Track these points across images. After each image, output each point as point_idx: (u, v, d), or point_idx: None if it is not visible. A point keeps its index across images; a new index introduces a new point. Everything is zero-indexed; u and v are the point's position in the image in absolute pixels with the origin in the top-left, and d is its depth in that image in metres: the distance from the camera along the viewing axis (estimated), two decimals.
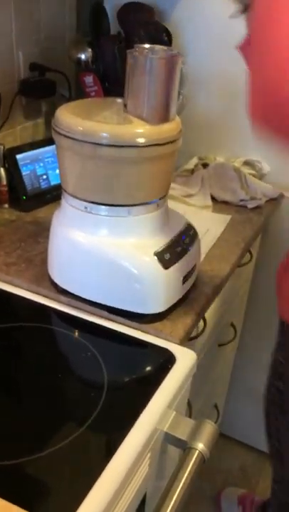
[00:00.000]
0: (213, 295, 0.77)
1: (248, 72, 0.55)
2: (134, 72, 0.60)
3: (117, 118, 0.63)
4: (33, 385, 0.59)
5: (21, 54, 1.02)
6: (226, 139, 1.15)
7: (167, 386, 0.60)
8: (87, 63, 1.03)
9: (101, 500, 0.47)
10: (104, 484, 0.48)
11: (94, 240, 0.67)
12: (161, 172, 0.66)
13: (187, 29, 1.09)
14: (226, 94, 1.11)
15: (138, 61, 0.59)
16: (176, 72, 0.61)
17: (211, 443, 0.59)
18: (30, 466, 0.49)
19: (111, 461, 0.50)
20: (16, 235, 0.87)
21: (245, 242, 0.92)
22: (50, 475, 0.49)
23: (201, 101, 1.13)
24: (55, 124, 0.64)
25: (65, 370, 0.62)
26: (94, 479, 0.48)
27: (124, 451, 0.52)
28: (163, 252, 0.66)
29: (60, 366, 0.63)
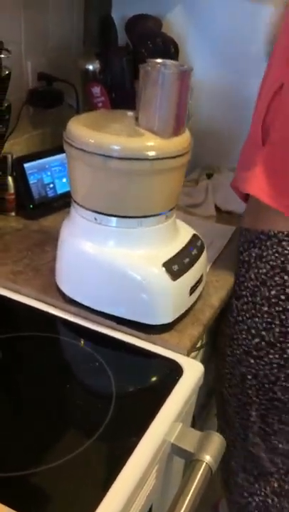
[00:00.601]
0: (219, 306, 0.78)
1: None
2: (146, 86, 0.61)
3: (129, 131, 0.63)
4: (41, 396, 0.59)
5: (30, 64, 1.03)
6: (229, 150, 1.15)
7: (175, 398, 0.60)
8: (94, 74, 1.04)
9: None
10: (114, 496, 0.48)
11: (103, 250, 0.67)
12: (171, 184, 0.66)
13: (193, 40, 1.10)
14: (229, 105, 1.12)
15: (150, 75, 0.60)
16: (188, 86, 0.62)
17: (218, 455, 0.59)
18: (39, 477, 0.49)
19: (121, 472, 0.50)
20: (22, 244, 0.88)
21: None
22: (59, 487, 0.49)
23: (205, 112, 1.14)
24: (67, 135, 0.65)
25: (73, 380, 0.62)
26: (104, 492, 0.48)
27: (133, 463, 0.52)
28: (171, 263, 0.67)
29: (68, 376, 0.63)
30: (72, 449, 0.52)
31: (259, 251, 0.78)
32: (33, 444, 0.53)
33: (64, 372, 0.64)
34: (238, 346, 0.83)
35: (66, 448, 0.52)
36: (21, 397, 0.59)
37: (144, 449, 0.53)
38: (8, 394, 0.59)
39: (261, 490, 0.91)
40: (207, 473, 0.57)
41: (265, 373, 0.81)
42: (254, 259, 0.79)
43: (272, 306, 0.77)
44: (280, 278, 0.75)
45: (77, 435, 0.54)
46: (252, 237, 0.80)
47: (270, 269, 0.76)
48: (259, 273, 0.78)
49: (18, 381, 0.61)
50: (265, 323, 0.78)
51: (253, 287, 0.79)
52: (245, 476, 0.92)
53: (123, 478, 0.50)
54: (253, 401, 0.85)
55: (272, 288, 0.76)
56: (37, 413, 0.57)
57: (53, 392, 0.60)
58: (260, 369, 0.81)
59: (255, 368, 0.81)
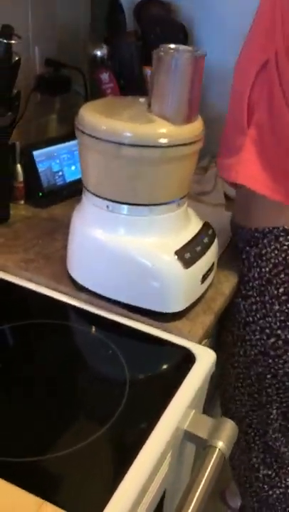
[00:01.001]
0: (230, 295, 0.77)
1: None
2: (158, 72, 0.60)
3: (141, 117, 0.63)
4: (55, 383, 0.60)
5: (37, 49, 1.02)
6: None
7: (188, 385, 0.60)
8: (103, 60, 1.03)
9: (128, 498, 0.47)
10: (130, 483, 0.49)
11: (115, 238, 0.67)
12: (183, 172, 0.66)
13: (201, 26, 1.08)
14: None
15: (163, 60, 0.60)
16: (201, 72, 0.61)
17: (230, 441, 0.59)
18: (56, 463, 0.50)
19: (136, 459, 0.51)
20: (32, 232, 0.88)
21: None
22: (75, 472, 0.49)
23: (214, 99, 1.12)
24: (79, 122, 0.64)
25: (87, 367, 0.63)
26: (119, 478, 0.49)
27: (148, 450, 0.52)
28: (183, 251, 0.67)
29: (81, 364, 0.63)
30: (87, 435, 0.53)
31: (257, 249, 0.76)
32: (49, 431, 0.53)
33: (77, 360, 0.64)
34: (251, 347, 0.81)
35: (81, 434, 0.53)
36: (35, 384, 0.59)
37: (159, 436, 0.54)
38: (22, 381, 0.59)
39: (282, 482, 0.91)
40: (220, 459, 0.58)
41: (285, 371, 0.80)
42: (254, 258, 0.77)
43: (282, 303, 0.75)
44: (285, 275, 0.74)
45: (92, 422, 0.55)
46: (247, 235, 0.78)
47: (272, 268, 0.75)
48: (262, 272, 0.76)
49: (31, 368, 0.61)
50: (279, 322, 0.76)
51: (259, 286, 0.77)
52: (266, 472, 0.92)
53: (138, 465, 0.50)
54: (274, 400, 0.84)
55: (279, 286, 0.75)
56: (51, 400, 0.57)
57: (66, 380, 0.60)
58: (280, 368, 0.80)
59: (275, 368, 0.80)
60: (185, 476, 0.75)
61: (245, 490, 0.97)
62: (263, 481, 0.93)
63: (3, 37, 0.71)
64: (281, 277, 0.74)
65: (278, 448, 0.89)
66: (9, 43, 0.72)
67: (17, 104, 0.82)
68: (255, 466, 0.93)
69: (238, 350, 0.84)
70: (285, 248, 0.73)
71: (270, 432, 0.88)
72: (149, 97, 0.63)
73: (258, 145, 0.72)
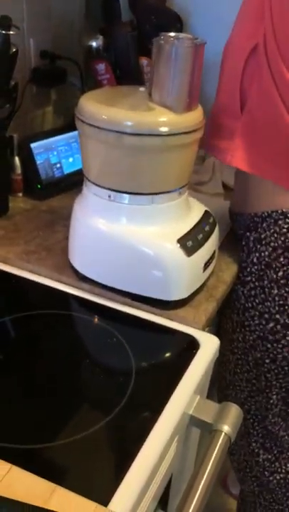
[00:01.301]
0: (231, 282, 0.78)
1: None
2: (159, 60, 0.61)
3: (142, 106, 0.63)
4: (64, 372, 0.60)
5: (32, 41, 1.02)
6: None
7: (193, 371, 0.61)
8: (98, 51, 1.03)
9: (138, 481, 0.48)
10: (140, 466, 0.49)
11: (117, 228, 0.67)
12: (185, 160, 0.66)
13: (197, 15, 1.08)
14: None
15: (164, 49, 0.60)
16: (201, 60, 0.61)
17: (235, 425, 0.60)
18: (66, 449, 0.50)
19: (144, 444, 0.51)
20: (33, 224, 0.88)
21: None
22: (86, 457, 0.50)
23: (209, 89, 1.12)
24: (79, 112, 0.64)
25: (93, 356, 0.63)
26: (129, 461, 0.49)
27: (156, 435, 0.53)
28: (185, 239, 0.67)
29: (88, 353, 0.64)
30: (96, 421, 0.53)
31: (257, 234, 0.77)
32: (59, 418, 0.54)
33: (83, 349, 0.65)
34: (250, 333, 0.82)
35: (90, 420, 0.53)
36: (44, 373, 0.60)
37: (166, 421, 0.55)
38: (31, 371, 0.60)
39: (282, 468, 0.92)
40: (226, 443, 0.59)
41: (283, 356, 0.80)
42: (253, 243, 0.77)
43: (281, 287, 0.76)
44: (284, 258, 0.74)
45: (101, 408, 0.55)
46: (246, 221, 0.79)
47: (272, 251, 0.75)
48: (261, 256, 0.76)
49: (39, 358, 0.62)
50: (278, 306, 0.77)
51: (258, 271, 0.78)
52: (265, 456, 0.93)
53: (147, 449, 0.51)
54: (273, 385, 0.85)
55: (278, 269, 0.75)
56: (60, 388, 0.58)
57: (74, 368, 0.61)
58: (279, 352, 0.80)
59: (273, 353, 0.81)
60: (190, 461, 0.77)
61: (245, 475, 0.99)
62: (263, 466, 0.94)
63: (1, 27, 0.71)
64: (280, 261, 0.75)
65: (277, 432, 0.90)
66: (7, 34, 0.72)
67: (15, 96, 0.81)
68: (254, 451, 0.94)
69: (236, 336, 0.85)
70: (285, 231, 0.73)
71: (269, 417, 0.89)
72: (150, 85, 0.63)
73: (251, 130, 0.73)
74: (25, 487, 0.43)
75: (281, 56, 0.67)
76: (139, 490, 0.47)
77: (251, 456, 0.95)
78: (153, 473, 0.51)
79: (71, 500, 0.43)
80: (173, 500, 0.72)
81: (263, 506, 0.99)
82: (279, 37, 0.67)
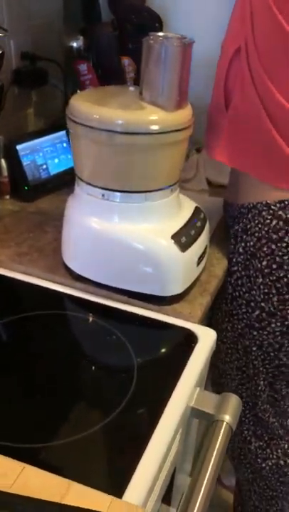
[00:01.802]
0: (223, 276, 0.80)
1: None
2: (149, 60, 0.62)
3: (133, 105, 0.64)
4: (68, 371, 0.61)
5: (12, 43, 1.01)
6: None
7: (193, 364, 0.62)
8: (79, 51, 1.03)
9: (149, 475, 0.49)
10: (149, 459, 0.50)
11: (111, 226, 0.68)
12: (176, 158, 0.67)
13: (177, 15, 1.10)
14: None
15: (153, 49, 0.61)
16: (189, 59, 0.62)
17: (236, 415, 0.62)
18: (77, 445, 0.51)
19: (152, 437, 0.52)
20: (22, 226, 0.87)
21: None
22: (96, 453, 0.51)
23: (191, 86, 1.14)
24: (71, 112, 0.64)
25: (94, 354, 0.64)
26: (139, 456, 0.50)
27: (163, 428, 0.54)
28: (179, 235, 0.68)
29: (89, 351, 0.64)
30: (102, 418, 0.54)
31: (243, 225, 0.79)
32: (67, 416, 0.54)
33: (83, 348, 0.65)
34: (238, 321, 0.84)
35: (97, 417, 0.54)
36: (48, 373, 0.60)
37: (171, 414, 0.56)
38: (37, 371, 0.60)
39: (273, 453, 0.94)
40: (228, 432, 0.60)
41: (269, 342, 0.83)
42: (240, 233, 0.80)
43: (266, 276, 0.78)
44: (267, 248, 0.76)
45: (107, 404, 0.56)
46: (234, 212, 0.81)
47: (256, 241, 0.77)
48: (247, 246, 0.79)
49: (42, 359, 0.62)
50: (263, 294, 0.79)
51: (244, 261, 0.80)
52: (257, 444, 0.95)
53: (155, 443, 0.52)
54: (260, 371, 0.87)
55: (262, 259, 0.77)
56: (65, 387, 0.58)
57: (77, 367, 0.61)
58: (264, 339, 0.83)
59: (259, 339, 0.83)
60: (189, 453, 0.78)
61: (240, 462, 1.01)
62: (256, 453, 0.96)
63: None
64: (264, 250, 0.77)
65: (267, 419, 0.92)
66: None
67: (0, 98, 0.81)
68: (247, 438, 0.96)
69: (226, 326, 0.87)
70: (268, 222, 0.76)
71: (259, 404, 0.91)
72: (140, 84, 0.64)
73: (234, 126, 0.76)
74: (41, 485, 0.44)
75: (260, 59, 0.69)
76: (150, 482, 0.48)
77: (244, 444, 0.97)
78: (161, 465, 0.52)
79: (87, 494, 0.43)
80: (176, 494, 0.73)
81: (257, 494, 1.02)
82: (258, 41, 0.69)
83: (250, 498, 1.04)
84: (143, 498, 0.47)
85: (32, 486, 0.43)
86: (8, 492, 0.42)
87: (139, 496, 0.47)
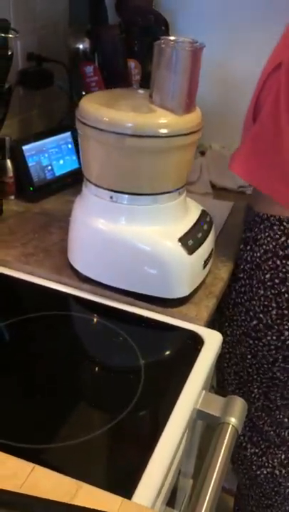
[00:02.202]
0: (228, 279, 0.80)
1: None
2: (160, 64, 0.62)
3: (142, 108, 0.64)
4: (75, 372, 0.61)
5: (19, 44, 1.01)
6: (220, 127, 1.17)
7: (200, 367, 0.63)
8: (86, 53, 1.04)
9: (157, 476, 0.49)
10: (158, 461, 0.50)
11: (118, 228, 0.68)
12: (184, 161, 0.68)
13: (183, 17, 1.10)
14: (220, 83, 1.14)
15: (164, 52, 0.61)
16: (199, 63, 0.63)
17: (242, 417, 0.62)
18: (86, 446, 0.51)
19: (160, 439, 0.53)
20: (27, 226, 0.88)
21: None
22: (106, 454, 0.51)
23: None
24: (80, 114, 0.65)
25: (101, 355, 0.64)
26: (147, 457, 0.50)
27: (171, 430, 0.54)
28: (186, 238, 0.69)
29: (95, 352, 0.65)
30: (110, 419, 0.54)
31: (254, 234, 0.79)
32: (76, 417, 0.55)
33: (90, 349, 0.65)
34: (237, 327, 0.84)
35: (105, 419, 0.54)
36: (57, 374, 0.60)
37: (178, 417, 0.56)
38: (40, 371, 0.60)
39: (269, 462, 0.94)
40: (234, 435, 0.60)
41: (263, 354, 0.83)
42: (250, 241, 0.80)
43: (267, 289, 0.78)
44: (272, 262, 0.76)
45: (114, 406, 0.56)
46: (249, 217, 0.81)
47: (263, 253, 0.77)
48: (254, 256, 0.79)
49: (46, 360, 0.62)
50: (263, 306, 0.79)
51: (250, 270, 0.80)
52: (253, 450, 0.95)
53: (163, 444, 0.52)
54: (254, 379, 0.87)
55: (266, 272, 0.77)
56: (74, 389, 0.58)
57: (84, 368, 0.62)
58: (259, 350, 0.83)
59: (254, 349, 0.83)
60: (193, 456, 0.78)
61: (238, 467, 1.01)
62: (251, 459, 0.96)
63: (0, 31, 0.70)
64: (269, 264, 0.77)
65: (262, 426, 0.92)
66: (6, 37, 0.72)
67: (8, 99, 0.81)
68: (242, 444, 0.96)
69: (226, 330, 0.88)
70: (277, 237, 0.76)
71: (252, 410, 0.91)
72: (151, 88, 0.64)
73: (257, 139, 0.75)
74: (51, 485, 0.44)
75: None
76: (159, 484, 0.49)
77: (240, 449, 0.97)
78: (169, 467, 0.52)
79: (97, 495, 0.43)
80: (179, 496, 0.73)
81: (254, 500, 1.02)
82: None
83: (248, 504, 1.04)
84: (152, 499, 0.47)
85: (42, 487, 0.44)
86: (18, 492, 0.43)
87: (148, 498, 0.47)
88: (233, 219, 0.97)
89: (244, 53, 1.10)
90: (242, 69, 1.11)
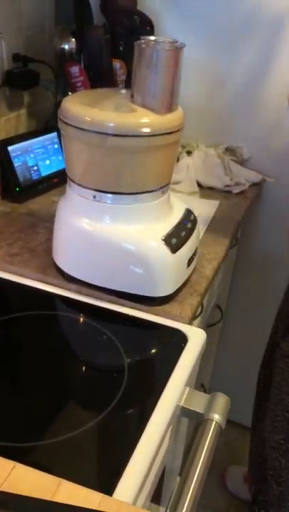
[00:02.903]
0: (213, 277, 0.81)
1: None
2: (140, 63, 0.62)
3: (124, 108, 0.64)
4: (58, 371, 0.61)
5: (4, 44, 1.01)
6: (207, 127, 1.18)
7: (183, 364, 0.63)
8: (71, 53, 1.04)
9: (139, 473, 0.49)
10: (139, 458, 0.51)
11: (102, 227, 0.69)
12: (167, 160, 0.68)
13: (168, 17, 1.11)
14: (206, 82, 1.14)
15: (145, 53, 0.61)
16: (181, 62, 0.63)
17: (225, 414, 0.62)
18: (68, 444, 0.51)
19: (142, 436, 0.53)
20: (14, 227, 0.88)
21: (234, 225, 0.96)
22: (87, 451, 0.51)
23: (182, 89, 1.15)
24: (63, 114, 0.65)
25: (85, 354, 0.64)
26: (129, 454, 0.51)
27: (153, 427, 0.54)
28: (170, 237, 0.69)
29: (80, 351, 0.65)
30: (92, 417, 0.54)
31: None
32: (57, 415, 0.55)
33: (75, 348, 0.65)
34: None
35: (87, 416, 0.55)
36: (38, 373, 0.60)
37: (161, 413, 0.56)
38: (24, 370, 0.60)
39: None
40: (217, 431, 0.61)
41: None
42: None
43: None
44: None
45: (97, 404, 0.57)
46: None
47: None
48: None
49: (31, 359, 0.62)
50: None
51: None
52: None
53: (145, 442, 0.53)
54: None
55: None
56: (56, 387, 0.59)
57: (68, 367, 0.62)
58: None
59: None
60: (178, 453, 0.78)
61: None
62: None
63: None
64: None
65: None
66: None
67: None
68: None
69: None
70: None
71: None
72: (132, 87, 0.65)
73: None
74: (32, 482, 0.44)
75: None
76: (140, 480, 0.49)
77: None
78: (151, 463, 0.53)
79: (78, 492, 0.43)
80: (165, 493, 0.74)
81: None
82: None
83: None
84: (133, 496, 0.47)
85: (22, 484, 0.44)
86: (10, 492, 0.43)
87: (129, 494, 0.47)
88: (219, 218, 0.97)
89: (229, 53, 1.10)
90: (227, 68, 1.11)
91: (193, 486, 0.54)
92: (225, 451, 1.47)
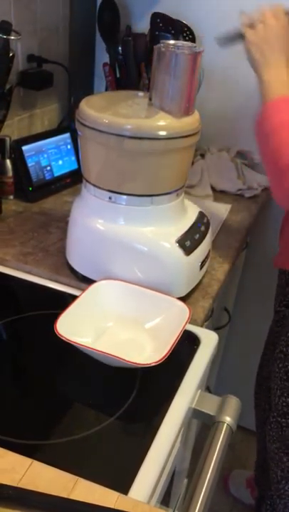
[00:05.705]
0: (224, 280, 0.81)
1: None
2: (159, 67, 0.63)
3: (142, 111, 0.65)
4: (72, 370, 0.61)
5: (19, 45, 1.02)
6: (218, 131, 1.18)
7: (196, 366, 0.64)
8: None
9: (153, 473, 0.50)
10: (153, 459, 0.51)
11: (116, 228, 0.69)
12: (182, 163, 0.69)
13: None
14: (220, 87, 1.14)
15: (164, 56, 0.62)
16: (198, 67, 0.64)
17: (236, 417, 0.63)
18: (82, 443, 0.52)
19: (156, 437, 0.53)
20: (26, 226, 0.88)
21: (245, 229, 0.97)
22: (102, 451, 0.52)
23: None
24: (80, 115, 0.66)
25: None
26: (143, 454, 0.51)
27: (166, 428, 0.55)
28: (184, 239, 0.69)
29: None
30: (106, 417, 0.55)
31: None
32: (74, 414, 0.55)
33: None
34: None
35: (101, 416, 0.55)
36: (51, 373, 0.61)
37: (173, 416, 0.57)
38: (38, 370, 0.61)
39: None
40: (229, 433, 0.61)
41: None
42: None
43: None
44: None
45: (111, 404, 0.57)
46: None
47: None
48: None
49: (45, 359, 0.63)
50: None
51: None
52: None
53: (159, 442, 0.53)
54: None
55: None
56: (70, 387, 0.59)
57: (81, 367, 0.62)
58: None
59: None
60: (187, 455, 0.79)
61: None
62: None
63: (2, 32, 0.71)
64: None
65: None
66: (8, 39, 0.73)
67: (9, 100, 0.82)
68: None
69: None
70: None
71: None
72: (150, 90, 0.65)
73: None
74: (48, 480, 0.44)
75: None
76: (154, 480, 0.49)
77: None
78: (165, 464, 0.53)
79: (94, 490, 0.44)
80: (174, 495, 0.74)
81: None
82: None
83: None
84: (148, 496, 0.48)
85: (40, 481, 0.44)
86: (18, 486, 0.43)
87: (144, 494, 0.48)
88: (230, 222, 0.98)
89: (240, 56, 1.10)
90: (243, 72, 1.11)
91: (205, 488, 0.54)
92: (229, 454, 1.46)
